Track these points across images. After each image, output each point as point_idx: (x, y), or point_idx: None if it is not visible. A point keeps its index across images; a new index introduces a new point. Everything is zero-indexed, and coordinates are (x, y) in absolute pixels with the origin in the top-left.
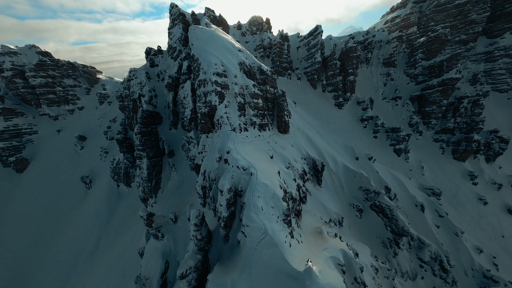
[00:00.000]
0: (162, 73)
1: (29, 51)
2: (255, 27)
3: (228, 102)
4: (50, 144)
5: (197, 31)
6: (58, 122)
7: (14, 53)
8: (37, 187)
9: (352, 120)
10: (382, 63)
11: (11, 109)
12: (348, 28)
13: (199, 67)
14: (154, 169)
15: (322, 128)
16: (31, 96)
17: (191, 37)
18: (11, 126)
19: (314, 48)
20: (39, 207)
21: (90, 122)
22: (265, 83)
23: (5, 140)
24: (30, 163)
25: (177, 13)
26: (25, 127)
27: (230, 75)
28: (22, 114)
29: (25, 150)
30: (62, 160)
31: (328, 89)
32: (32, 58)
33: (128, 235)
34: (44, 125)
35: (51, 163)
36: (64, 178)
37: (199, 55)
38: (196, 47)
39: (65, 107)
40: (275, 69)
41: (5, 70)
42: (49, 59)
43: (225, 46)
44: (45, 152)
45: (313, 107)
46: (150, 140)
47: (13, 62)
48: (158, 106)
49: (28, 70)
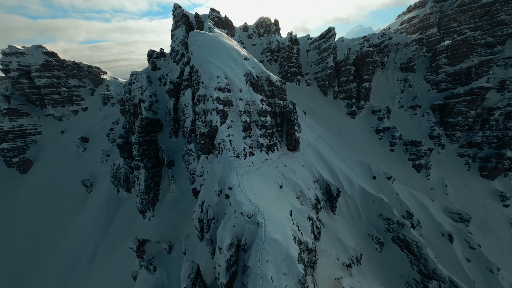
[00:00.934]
0: (164, 77)
1: (35, 51)
2: (263, 29)
3: (232, 121)
4: (53, 145)
5: (198, 37)
6: (62, 122)
7: (21, 53)
8: (39, 189)
9: (366, 130)
10: (399, 68)
11: (17, 109)
12: (356, 28)
13: (199, 80)
14: (153, 180)
15: (334, 141)
16: (36, 97)
17: (191, 45)
18: (16, 126)
19: (326, 52)
20: (40, 209)
21: (93, 124)
22: (273, 96)
23: (10, 141)
24: (33, 164)
25: (180, 14)
26: (29, 127)
27: (234, 89)
28: (27, 115)
29: (29, 150)
30: (65, 162)
31: (340, 96)
32: (38, 58)
33: (124, 247)
34: (48, 125)
35: (53, 165)
36: (65, 180)
37: (199, 65)
38: (196, 57)
39: (69, 108)
40: (283, 74)
41: (11, 70)
42: (54, 60)
43: (229, 54)
44: (48, 153)
45: (323, 116)
46: (148, 150)
47: (20, 63)
48: (159, 112)
49: (34, 70)
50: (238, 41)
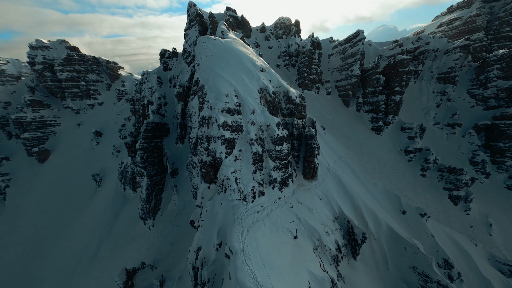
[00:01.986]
0: (175, 78)
1: (59, 45)
2: (281, 30)
3: (240, 151)
4: (70, 137)
5: (207, 44)
6: (79, 115)
7: (46, 47)
8: (54, 179)
9: (393, 150)
10: (437, 78)
11: (40, 101)
12: (380, 27)
13: (203, 98)
14: (155, 188)
15: (355, 162)
16: (57, 89)
17: (199, 54)
18: (37, 117)
19: (351, 58)
20: (53, 200)
21: (107, 118)
22: (291, 114)
23: (31, 131)
24: (51, 154)
25: (194, 13)
26: (49, 119)
27: (246, 111)
28: (49, 106)
29: (48, 141)
30: (79, 154)
31: (365, 108)
32: (61, 52)
33: (123, 254)
34: (66, 118)
35: (68, 157)
36: (78, 173)
37: (206, 80)
38: (203, 69)
39: (87, 102)
40: (301, 81)
41: (36, 63)
42: (76, 54)
43: (243, 65)
44: (64, 145)
45: (344, 130)
46: (153, 156)
47: (44, 56)
48: (167, 115)
49: (57, 64)
50: (254, 43)
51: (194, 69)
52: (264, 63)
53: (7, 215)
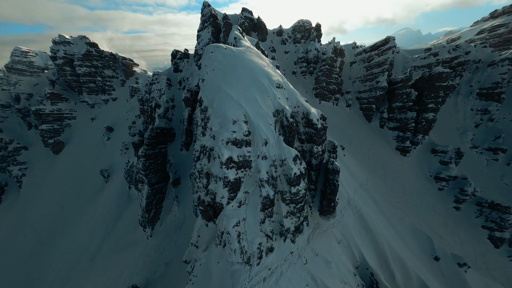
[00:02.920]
0: (185, 80)
1: (80, 41)
2: (300, 34)
3: (246, 193)
4: (83, 130)
5: (216, 54)
6: (94, 110)
7: (68, 42)
8: (66, 171)
9: (422, 175)
10: (477, 94)
11: (58, 94)
12: (402, 30)
13: (206, 123)
14: (156, 197)
15: (377, 189)
16: (75, 84)
17: (205, 66)
18: (55, 110)
19: (378, 68)
20: (64, 192)
21: (119, 114)
22: (310, 140)
23: (49, 123)
24: (65, 146)
25: (208, 14)
26: (66, 112)
27: (256, 141)
28: (66, 100)
29: (63, 133)
30: (91, 148)
31: (390, 125)
32: (81, 48)
33: (121, 260)
34: (82, 111)
35: (81, 150)
36: (88, 166)
37: (210, 101)
38: (208, 86)
39: (101, 97)
40: (318, 91)
41: (58, 58)
42: (95, 50)
43: (256, 81)
44: (78, 138)
45: (364, 149)
46: (155, 164)
47: (66, 51)
48: (173, 119)
49: (76, 59)
50: (269, 47)
51: (197, 85)
52: (281, 77)
53: (22, 203)
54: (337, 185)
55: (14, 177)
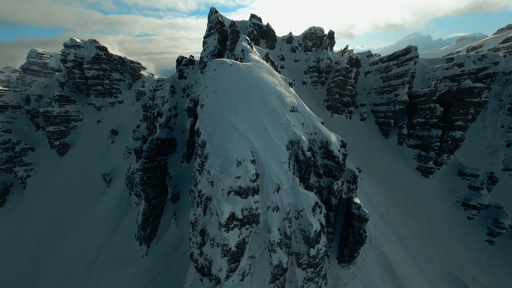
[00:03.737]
0: (189, 88)
1: (90, 45)
2: (312, 42)
3: (251, 260)
4: (89, 133)
5: (220, 73)
6: (100, 112)
7: (78, 46)
8: (69, 173)
9: (447, 200)
10: (508, 109)
11: (67, 96)
12: (412, 36)
13: (204, 162)
14: (153, 213)
15: (399, 219)
16: (83, 86)
17: (205, 88)
18: (63, 112)
19: (397, 80)
20: (66, 194)
21: (124, 117)
22: (329, 174)
23: (56, 125)
24: (70, 148)
25: (215, 20)
26: (73, 114)
27: (266, 186)
28: (74, 102)
29: (69, 135)
30: (95, 151)
31: (410, 142)
32: (91, 51)
33: (115, 277)
34: (88, 114)
35: (85, 152)
36: (92, 169)
37: (210, 134)
38: (209, 113)
39: (108, 99)
40: (330, 103)
41: (68, 61)
42: (104, 53)
43: (267, 105)
44: (83, 140)
45: (382, 168)
46: (154, 177)
47: (76, 54)
48: (176, 128)
49: (86, 62)
50: (278, 55)
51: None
52: (295, 97)
53: (24, 205)
54: (365, 236)
55: (19, 178)
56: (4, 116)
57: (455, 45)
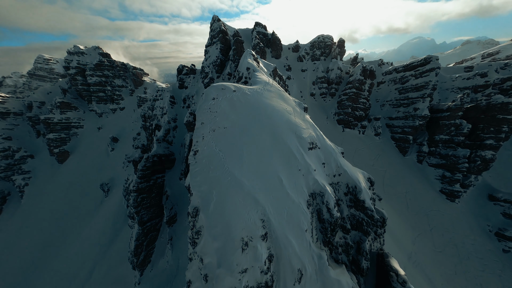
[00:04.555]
0: (189, 98)
1: (93, 51)
2: (320, 51)
3: None
4: (89, 140)
5: (220, 103)
6: (101, 119)
7: (82, 53)
8: (68, 182)
9: (477, 228)
10: None
11: (68, 103)
12: (415, 39)
13: (195, 241)
14: (147, 237)
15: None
16: (86, 93)
17: (201, 125)
18: (64, 119)
19: (415, 92)
20: (63, 204)
21: (125, 124)
22: (359, 227)
23: (56, 132)
24: (70, 156)
25: (218, 29)
26: (74, 121)
27: (283, 276)
28: (76, 108)
29: (69, 142)
30: (94, 159)
31: (431, 160)
32: (94, 58)
33: None
34: (89, 120)
35: (85, 160)
36: (90, 178)
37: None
38: (204, 164)
39: (110, 106)
40: (341, 117)
41: (71, 68)
42: (107, 60)
43: (279, 143)
44: (83, 147)
45: (401, 191)
46: (149, 198)
47: (79, 61)
48: (174, 141)
49: (88, 69)
50: (285, 65)
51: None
52: (312, 127)
53: (21, 215)
54: None
55: (17, 187)
56: (5, 123)
57: (460, 49)
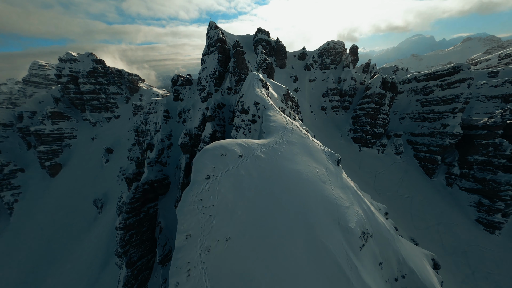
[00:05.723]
0: (185, 112)
1: (86, 58)
2: (330, 58)
3: None
4: (83, 151)
5: (220, 184)
6: (95, 128)
7: (74, 60)
8: (60, 197)
9: None
10: None
11: (60, 112)
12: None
13: None
14: (138, 278)
15: None
16: (78, 101)
17: (185, 245)
18: (55, 130)
19: (443, 106)
20: (55, 222)
21: (120, 134)
22: None
23: (48, 143)
24: (62, 168)
25: (215, 37)
26: (67, 131)
27: None
28: (68, 118)
29: (62, 154)
30: (88, 171)
31: (464, 184)
32: (87, 65)
33: None
34: (83, 130)
35: (78, 173)
36: (83, 192)
37: None
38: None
39: (104, 114)
40: (358, 135)
41: (63, 76)
42: (100, 67)
43: (319, 251)
44: (76, 159)
45: (431, 222)
46: (139, 233)
47: (71, 69)
48: (169, 162)
49: (81, 76)
50: (291, 75)
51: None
52: (357, 198)
53: (9, 235)
54: None
55: (6, 204)
56: None
57: (461, 46)
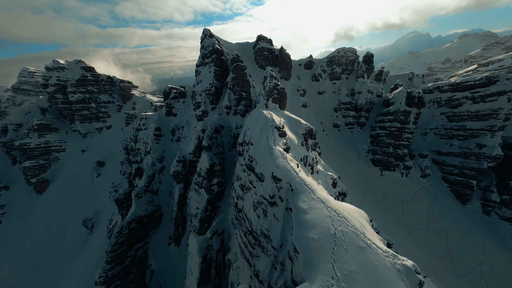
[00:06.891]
0: (179, 129)
1: (75, 66)
2: (341, 68)
3: None
4: (72, 165)
5: None
6: (86, 140)
7: (62, 68)
8: (47, 217)
9: None
10: None
11: (48, 124)
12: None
13: None
14: None
15: None
16: (67, 112)
17: None
18: (42, 143)
19: (476, 122)
20: (41, 245)
21: (112, 145)
22: None
23: (34, 158)
24: (50, 184)
25: (210, 47)
26: (55, 144)
27: None
28: (56, 130)
29: (49, 169)
30: (78, 187)
31: (504, 213)
32: (76, 73)
33: None
34: (72, 142)
35: (66, 190)
36: (73, 211)
37: None
38: None
39: (95, 125)
40: (378, 157)
41: (49, 85)
42: (90, 74)
43: None
44: (65, 175)
45: (473, 263)
46: (125, 283)
47: (59, 78)
48: (161, 189)
49: (70, 85)
50: (297, 87)
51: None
52: None
53: None
54: None
55: None
56: None
57: (458, 43)
